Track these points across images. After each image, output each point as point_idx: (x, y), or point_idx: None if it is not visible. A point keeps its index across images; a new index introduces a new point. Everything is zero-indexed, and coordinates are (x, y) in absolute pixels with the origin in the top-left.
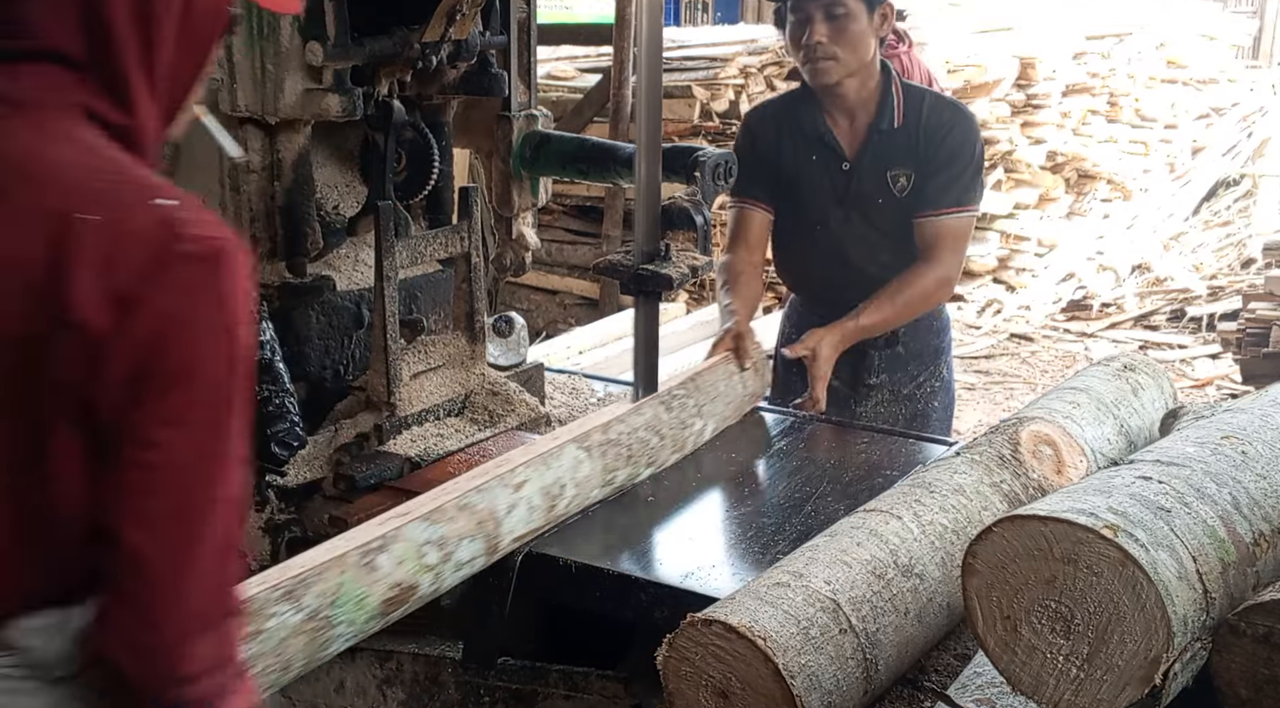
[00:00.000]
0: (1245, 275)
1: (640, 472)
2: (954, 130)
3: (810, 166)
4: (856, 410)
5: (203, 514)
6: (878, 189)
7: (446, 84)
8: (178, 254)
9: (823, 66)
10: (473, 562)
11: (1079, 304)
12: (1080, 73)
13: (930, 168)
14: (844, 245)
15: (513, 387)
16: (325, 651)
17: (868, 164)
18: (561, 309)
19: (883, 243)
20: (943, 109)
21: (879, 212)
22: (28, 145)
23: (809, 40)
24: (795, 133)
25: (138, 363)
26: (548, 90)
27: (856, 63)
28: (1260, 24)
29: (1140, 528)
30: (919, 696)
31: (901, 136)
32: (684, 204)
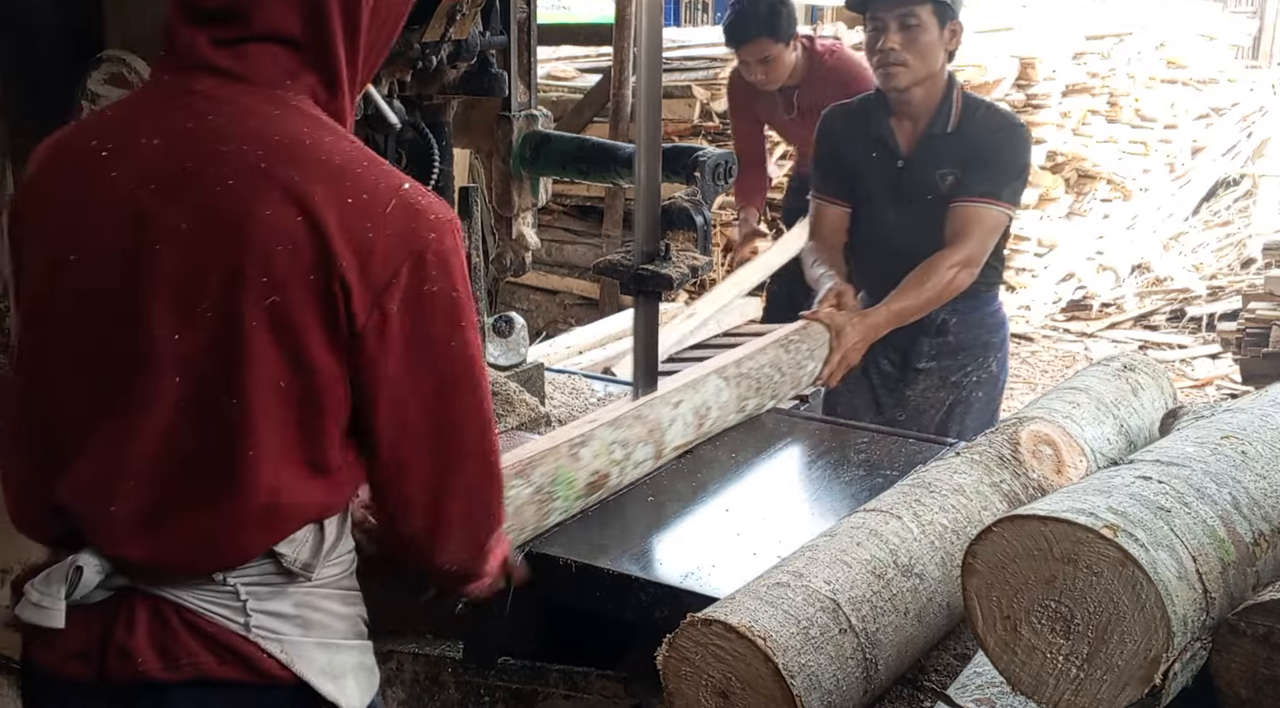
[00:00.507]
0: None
1: (765, 403)
2: (1000, 135)
3: (870, 163)
4: (905, 393)
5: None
6: (928, 186)
7: (446, 84)
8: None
9: (894, 71)
10: (644, 463)
11: (1079, 304)
12: (1080, 73)
13: (975, 163)
14: (896, 240)
15: (513, 387)
16: (546, 521)
17: (919, 162)
18: (561, 309)
19: (929, 238)
20: (995, 117)
21: (928, 207)
22: (280, 124)
23: (883, 45)
24: (861, 132)
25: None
26: (548, 90)
27: (925, 71)
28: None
29: (1140, 528)
30: (919, 696)
31: (953, 139)
32: (684, 204)
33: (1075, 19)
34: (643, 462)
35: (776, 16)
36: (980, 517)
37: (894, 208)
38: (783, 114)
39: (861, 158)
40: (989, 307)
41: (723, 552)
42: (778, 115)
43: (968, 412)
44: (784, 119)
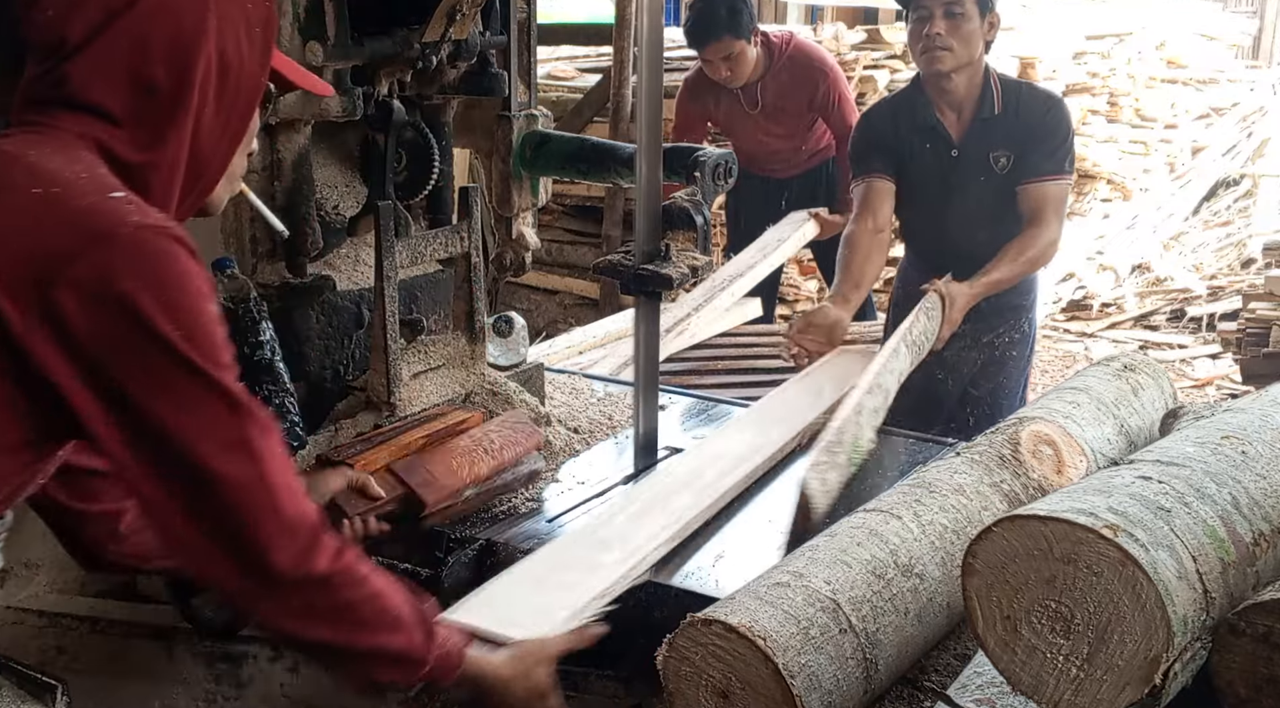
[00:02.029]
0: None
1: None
2: (1050, 111)
3: (924, 154)
4: (943, 353)
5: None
6: (981, 169)
7: (446, 84)
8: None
9: (939, 55)
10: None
11: (1079, 304)
12: (1080, 73)
13: (1030, 145)
14: (950, 221)
15: (513, 387)
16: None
17: (972, 148)
18: (561, 309)
19: (981, 220)
20: (1038, 95)
21: (981, 189)
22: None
23: (929, 31)
24: (910, 125)
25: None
26: (548, 90)
27: (967, 57)
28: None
29: (1140, 528)
30: (919, 696)
31: (1001, 122)
32: (684, 204)
33: (1075, 19)
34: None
35: (737, 15)
36: (980, 517)
37: (947, 195)
38: (746, 110)
39: (914, 150)
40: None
41: (723, 552)
42: (739, 112)
43: (1001, 369)
44: (747, 115)
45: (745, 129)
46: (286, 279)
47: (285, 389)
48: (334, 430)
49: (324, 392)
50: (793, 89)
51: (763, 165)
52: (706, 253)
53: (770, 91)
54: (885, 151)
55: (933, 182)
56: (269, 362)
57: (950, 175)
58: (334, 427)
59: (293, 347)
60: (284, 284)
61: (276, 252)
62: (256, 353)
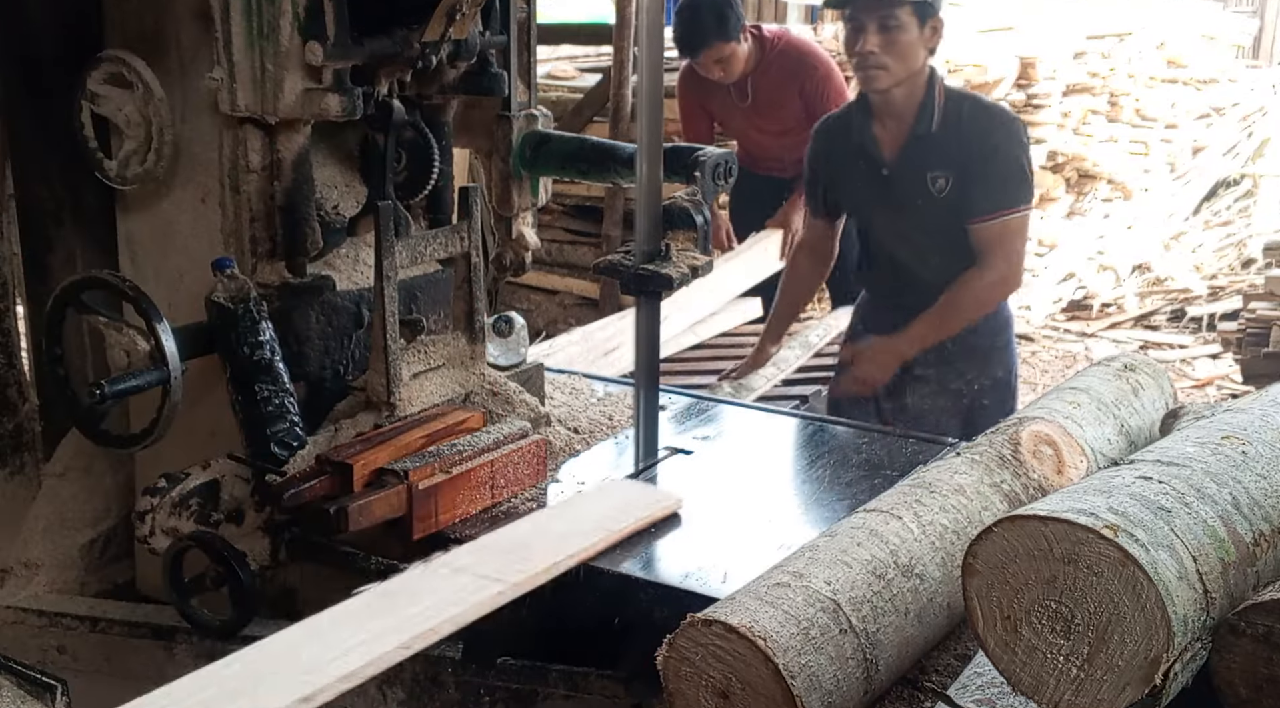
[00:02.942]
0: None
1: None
2: (993, 134)
3: (856, 173)
4: (905, 401)
5: None
6: (917, 191)
7: (446, 84)
8: None
9: (873, 74)
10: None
11: (1079, 304)
12: (1080, 73)
13: (972, 172)
14: (894, 249)
15: (513, 387)
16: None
17: (906, 167)
18: (561, 309)
19: (928, 244)
20: (982, 114)
21: (919, 213)
22: None
23: (862, 48)
24: (844, 143)
25: None
26: (548, 90)
27: (905, 72)
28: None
29: (1140, 528)
30: (919, 696)
31: (939, 140)
32: (684, 204)
33: (1075, 19)
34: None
35: (724, 20)
36: (981, 517)
37: (884, 216)
38: (737, 103)
39: (848, 168)
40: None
41: (723, 552)
42: (730, 105)
43: (975, 420)
44: (738, 108)
45: (737, 123)
46: (286, 279)
47: (285, 389)
48: (334, 430)
49: (324, 392)
50: (783, 82)
51: (763, 164)
52: (706, 253)
53: (760, 85)
54: (819, 180)
55: (867, 204)
56: (269, 362)
57: (885, 196)
58: (334, 427)
59: (292, 347)
60: (284, 284)
61: (276, 252)
62: (256, 353)
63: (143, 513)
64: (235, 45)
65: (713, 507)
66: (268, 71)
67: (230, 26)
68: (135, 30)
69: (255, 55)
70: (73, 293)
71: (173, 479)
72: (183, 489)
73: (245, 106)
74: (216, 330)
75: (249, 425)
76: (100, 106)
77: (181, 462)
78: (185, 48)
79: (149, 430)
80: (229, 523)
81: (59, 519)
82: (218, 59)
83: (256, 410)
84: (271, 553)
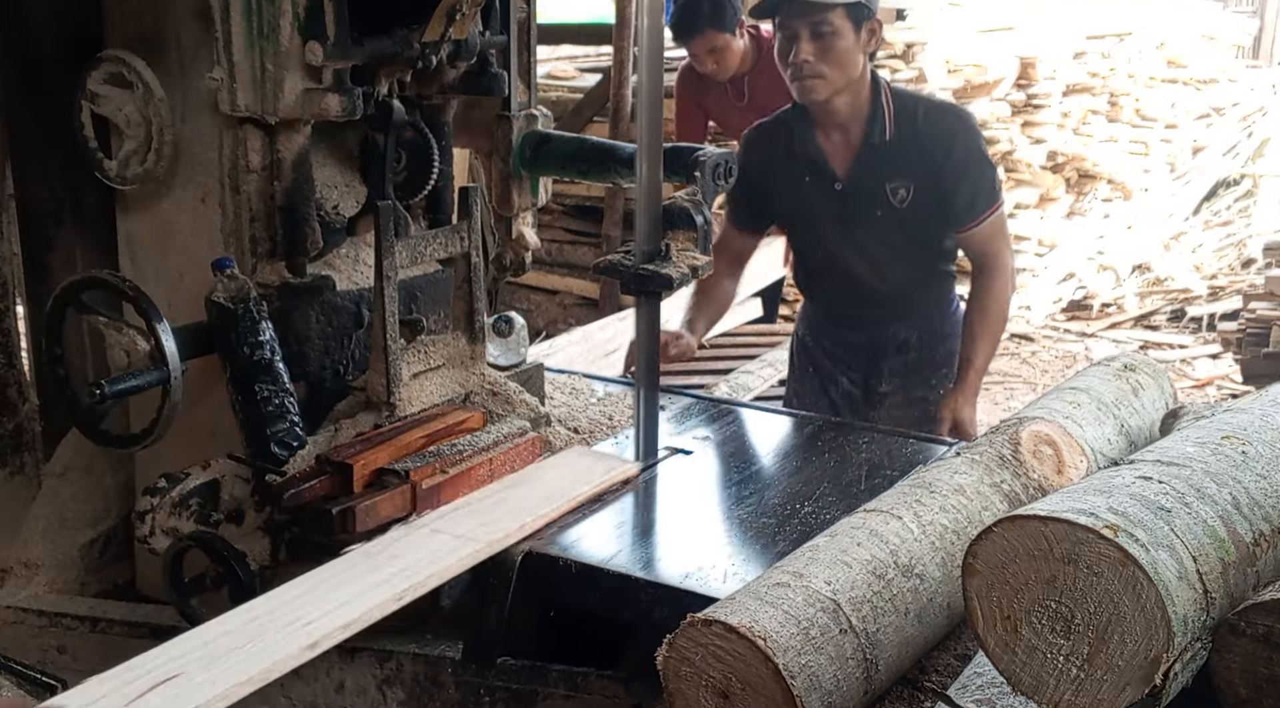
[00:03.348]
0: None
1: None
2: (958, 139)
3: (804, 187)
4: (870, 415)
5: None
6: (874, 203)
7: (446, 84)
8: None
9: (809, 84)
10: None
11: (1079, 304)
12: (1080, 73)
13: (947, 180)
14: (850, 264)
15: (513, 387)
16: None
17: (862, 180)
18: (561, 309)
19: (890, 258)
20: (940, 116)
21: (879, 225)
22: None
23: (795, 58)
24: (788, 154)
25: None
26: (548, 90)
27: (844, 80)
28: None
29: (1140, 528)
30: (919, 696)
31: (895, 148)
32: (684, 204)
33: (1075, 19)
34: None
35: (720, 9)
36: (981, 517)
37: (839, 230)
38: (733, 102)
39: (793, 181)
40: (948, 312)
41: (723, 552)
42: (728, 104)
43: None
44: (735, 107)
45: (734, 123)
46: (286, 279)
47: (285, 389)
48: (334, 430)
49: (324, 392)
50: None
51: None
52: (706, 253)
53: (757, 85)
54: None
55: (820, 220)
56: (268, 362)
57: (840, 210)
58: (334, 427)
59: (292, 347)
60: (284, 284)
61: (276, 252)
62: (256, 353)
63: (143, 513)
64: (235, 45)
65: (713, 507)
66: (268, 71)
67: (230, 26)
68: (135, 30)
69: (255, 55)
70: (73, 293)
71: (173, 479)
72: (183, 489)
73: (245, 106)
74: (216, 330)
75: (249, 425)
76: (100, 106)
77: (181, 462)
78: (185, 48)
79: (149, 430)
80: (229, 523)
81: (59, 519)
82: (218, 59)
83: (256, 410)
84: (271, 553)
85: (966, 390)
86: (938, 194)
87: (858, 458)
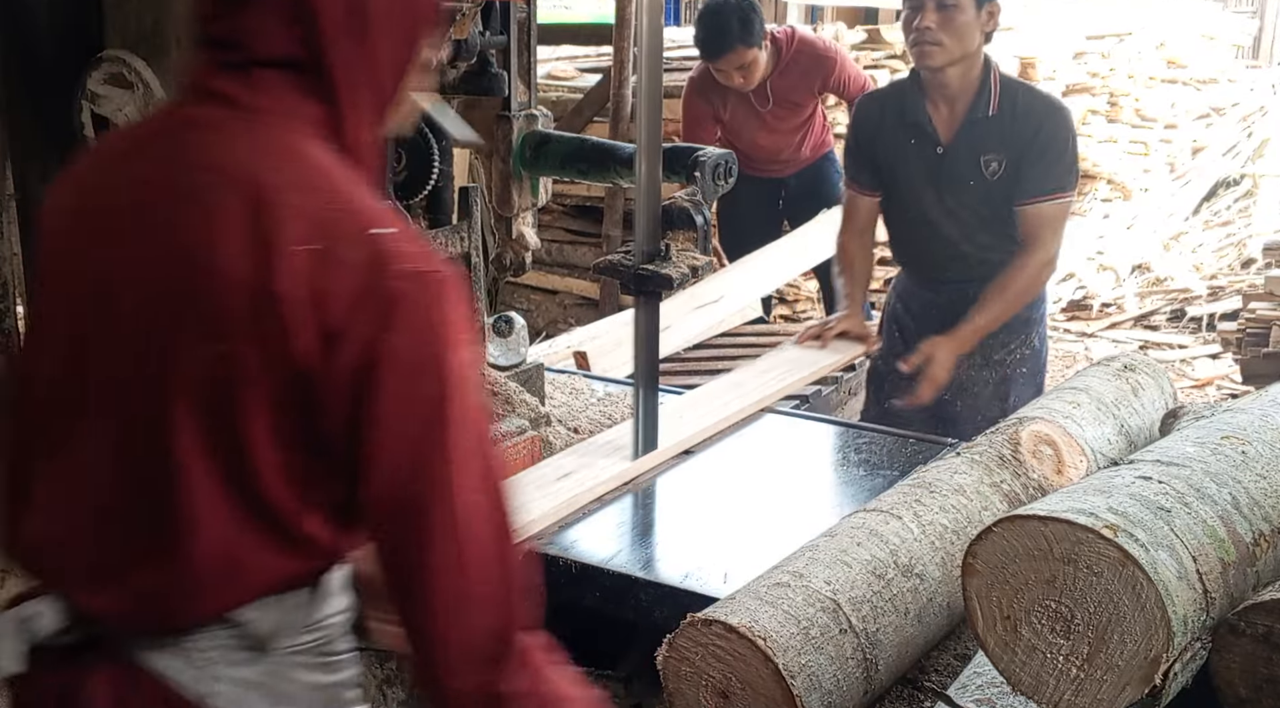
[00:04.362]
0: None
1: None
2: (1048, 121)
3: (907, 150)
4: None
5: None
6: (970, 172)
7: (446, 84)
8: (387, 287)
9: (929, 50)
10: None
11: (1079, 304)
12: (1080, 73)
13: (1028, 156)
14: (940, 225)
15: (513, 387)
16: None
17: (961, 148)
18: (561, 309)
19: (976, 223)
20: (1037, 101)
21: (970, 193)
22: (250, 158)
23: (920, 24)
24: (897, 118)
25: (349, 392)
26: (548, 90)
27: (960, 51)
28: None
29: (1140, 528)
30: (919, 696)
31: (996, 124)
32: (684, 204)
33: (1075, 19)
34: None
35: (749, 25)
36: (981, 517)
37: (934, 195)
38: (755, 107)
39: (898, 144)
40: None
41: (723, 552)
42: (748, 110)
43: (1011, 388)
44: (754, 112)
45: (751, 127)
46: None
47: None
48: None
49: None
50: (802, 81)
51: (760, 167)
52: (706, 253)
53: (780, 88)
54: (867, 156)
55: (918, 181)
56: None
57: (936, 175)
58: None
59: None
60: None
61: None
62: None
63: None
64: None
65: (713, 507)
66: None
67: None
68: (135, 30)
69: None
70: None
71: None
72: None
73: None
74: None
75: None
76: (100, 107)
77: None
78: (185, 48)
79: None
80: None
81: None
82: None
83: None
84: None
85: (954, 338)
86: (1022, 170)
87: (857, 458)
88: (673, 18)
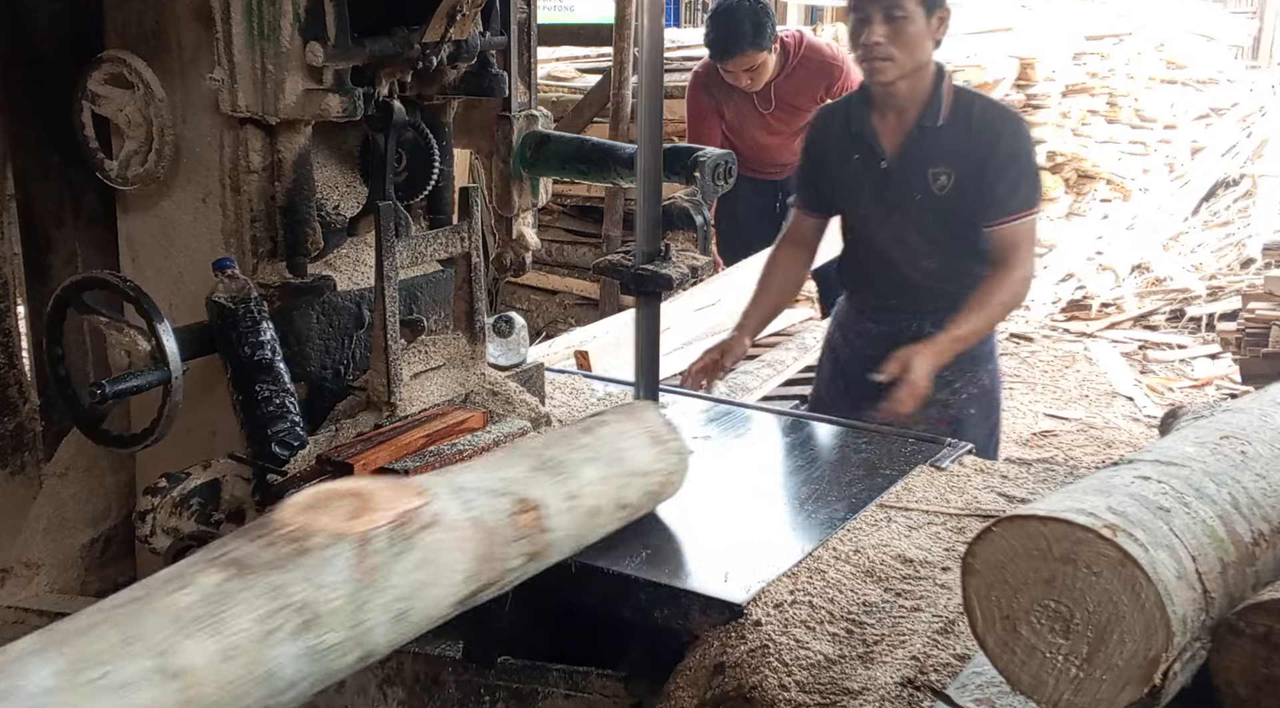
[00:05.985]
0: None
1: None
2: (1005, 132)
3: (851, 165)
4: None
5: None
6: (916, 186)
7: (447, 84)
8: None
9: (879, 66)
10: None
11: (1079, 304)
12: (1080, 73)
13: (989, 172)
14: (884, 247)
15: (513, 387)
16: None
17: (907, 161)
18: (561, 309)
19: (922, 247)
20: (995, 111)
21: (917, 209)
22: None
23: (867, 39)
24: (843, 133)
25: None
26: (548, 90)
27: (912, 64)
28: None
29: (1139, 528)
30: (919, 695)
31: (946, 135)
32: (684, 204)
33: (1075, 19)
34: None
35: (761, 28)
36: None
37: (879, 212)
38: (759, 108)
39: (843, 160)
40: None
41: (723, 552)
42: (750, 110)
43: (960, 429)
44: (757, 113)
45: (752, 128)
46: (287, 279)
47: (285, 389)
48: (334, 430)
49: (324, 392)
50: (806, 86)
51: (760, 168)
52: (706, 253)
53: (784, 91)
54: (813, 173)
55: (863, 198)
56: (269, 362)
57: (881, 191)
58: (334, 427)
59: (293, 347)
60: (284, 284)
61: (277, 252)
62: (257, 353)
63: (144, 513)
64: (236, 46)
65: (713, 506)
66: (268, 72)
67: (231, 27)
68: (135, 30)
69: (256, 56)
70: (73, 293)
71: (174, 479)
72: (184, 489)
73: (246, 107)
74: (217, 330)
75: (250, 425)
76: (101, 107)
77: (182, 462)
78: (186, 48)
79: (150, 430)
80: (230, 523)
81: (60, 519)
82: (218, 59)
83: (257, 410)
84: None
85: (933, 346)
86: (978, 187)
87: (857, 458)
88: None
